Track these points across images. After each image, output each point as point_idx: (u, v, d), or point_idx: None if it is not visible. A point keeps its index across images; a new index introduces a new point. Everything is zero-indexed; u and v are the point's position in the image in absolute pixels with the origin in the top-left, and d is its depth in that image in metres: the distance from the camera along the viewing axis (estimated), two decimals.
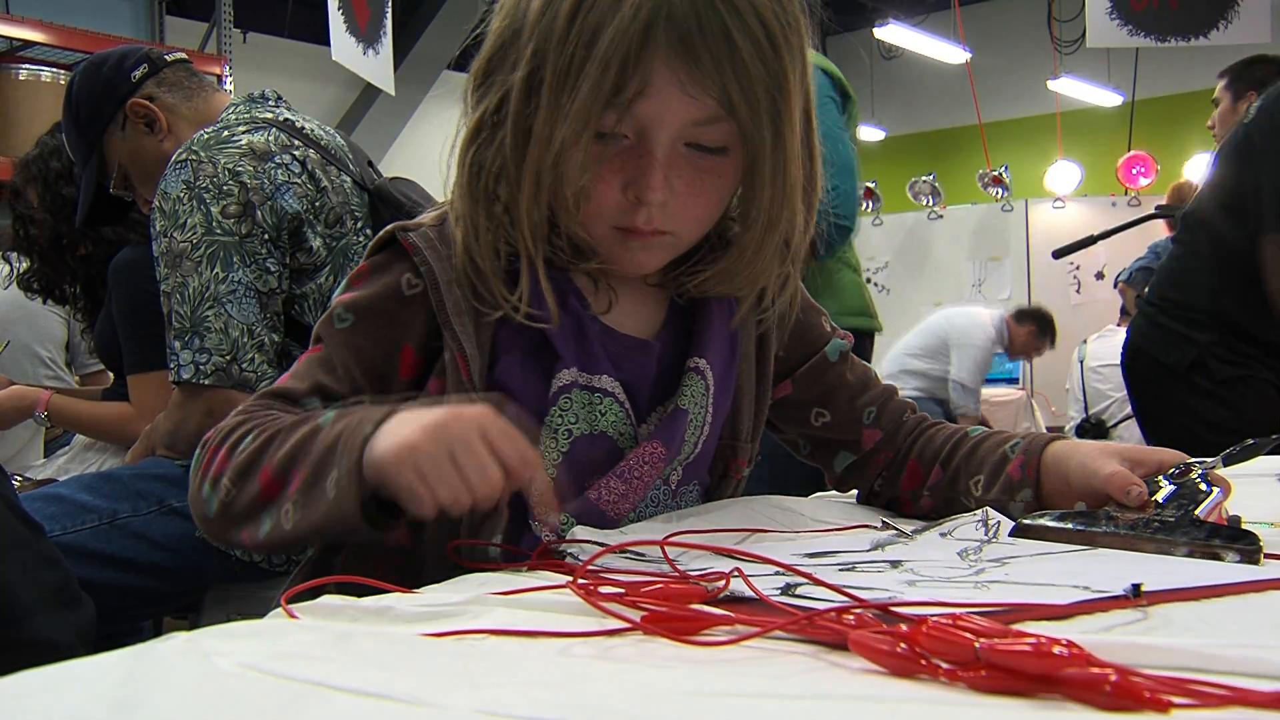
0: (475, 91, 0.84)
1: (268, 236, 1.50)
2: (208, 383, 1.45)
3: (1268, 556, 0.70)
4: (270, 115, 1.61)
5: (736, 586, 0.60)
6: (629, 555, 0.72)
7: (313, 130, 1.63)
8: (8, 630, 1.03)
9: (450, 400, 0.82)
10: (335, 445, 0.73)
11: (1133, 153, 6.65)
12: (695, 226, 0.85)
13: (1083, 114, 8.86)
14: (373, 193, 1.65)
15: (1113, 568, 0.69)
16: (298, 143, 1.58)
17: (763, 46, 0.76)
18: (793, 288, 0.94)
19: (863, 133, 9.72)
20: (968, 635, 0.45)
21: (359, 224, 1.61)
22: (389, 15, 4.10)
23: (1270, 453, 0.92)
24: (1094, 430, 4.51)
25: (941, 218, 7.01)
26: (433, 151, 0.85)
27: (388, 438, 0.70)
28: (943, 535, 0.84)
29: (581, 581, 0.60)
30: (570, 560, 0.73)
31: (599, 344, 0.87)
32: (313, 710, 0.41)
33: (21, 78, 3.44)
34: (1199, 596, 0.60)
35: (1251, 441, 0.89)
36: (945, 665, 0.45)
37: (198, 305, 1.45)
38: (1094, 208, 6.59)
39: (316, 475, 0.73)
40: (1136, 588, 0.57)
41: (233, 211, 1.47)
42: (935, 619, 0.46)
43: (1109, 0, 3.93)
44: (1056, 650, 0.42)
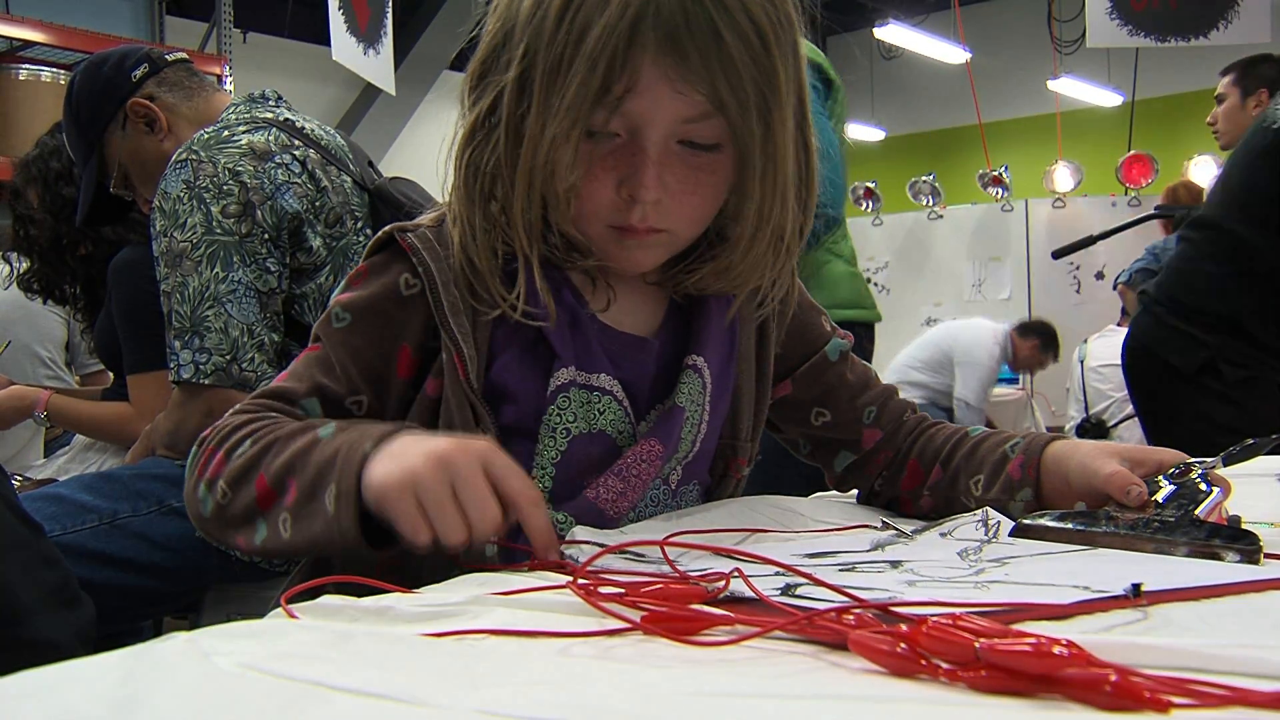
0: (471, 93, 0.84)
1: (268, 236, 1.50)
2: (208, 382, 1.45)
3: (1268, 556, 0.70)
4: (270, 115, 1.61)
5: (736, 587, 0.60)
6: (629, 555, 0.72)
7: (313, 130, 1.64)
8: (8, 630, 1.03)
9: (453, 425, 0.82)
10: (334, 460, 0.72)
11: (1133, 153, 6.65)
12: (690, 224, 0.85)
13: (1083, 114, 8.86)
14: (373, 193, 1.65)
15: (1113, 568, 0.69)
16: (298, 142, 1.58)
17: (752, 43, 0.76)
18: (789, 283, 0.94)
19: (863, 133, 9.73)
20: (968, 635, 0.45)
21: (359, 224, 1.61)
22: (389, 15, 4.11)
23: (1270, 453, 0.92)
24: (1094, 430, 4.51)
25: (941, 218, 7.00)
26: (432, 151, 0.86)
27: (388, 461, 0.69)
28: (943, 535, 0.84)
29: (581, 582, 0.60)
30: (570, 560, 0.73)
31: (597, 342, 0.87)
32: (313, 710, 0.40)
33: (21, 78, 3.44)
34: (1199, 596, 0.60)
35: (1251, 441, 0.89)
36: (945, 665, 0.45)
37: (198, 305, 1.45)
38: (1094, 208, 6.59)
39: (314, 488, 0.73)
40: (1136, 588, 0.57)
41: (233, 211, 1.47)
42: (935, 619, 0.46)
43: (1109, 0, 3.92)
44: (1056, 650, 0.42)
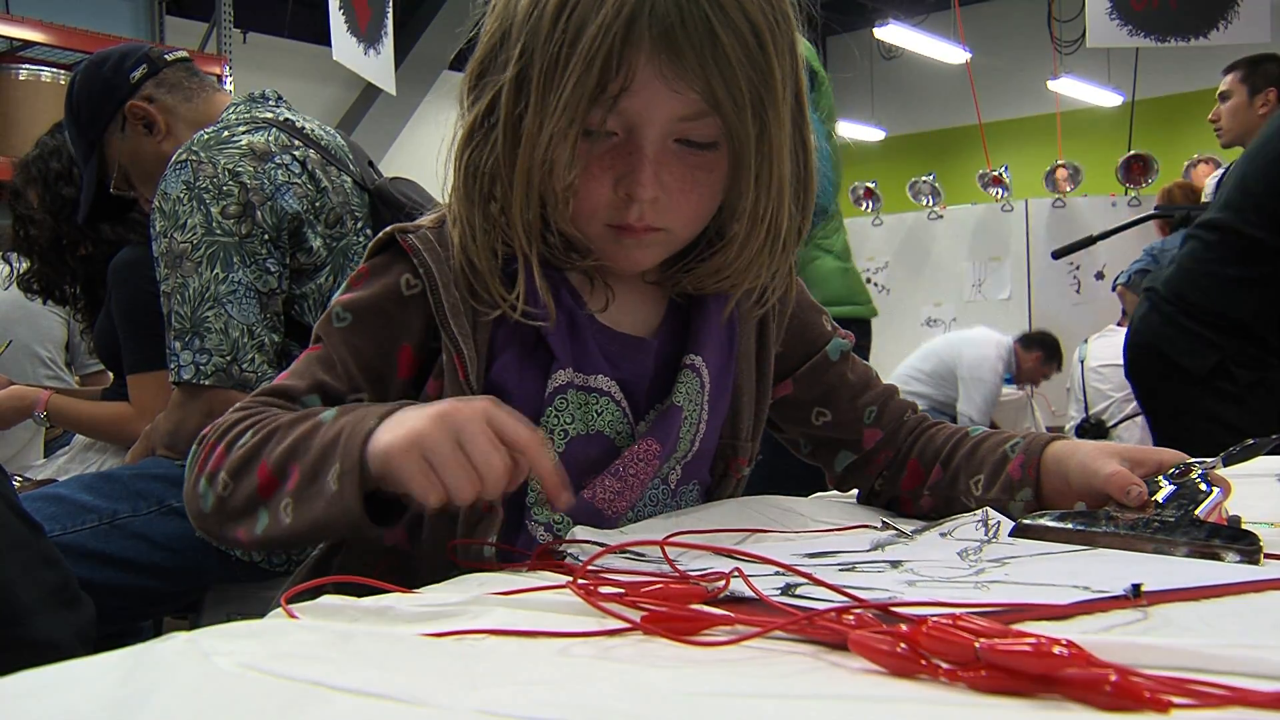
0: (469, 93, 0.84)
1: (268, 237, 1.49)
2: (208, 383, 1.45)
3: (1268, 556, 0.70)
4: (270, 115, 1.61)
5: (736, 586, 0.60)
6: (629, 555, 0.72)
7: (313, 130, 1.63)
8: (8, 630, 1.03)
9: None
10: (336, 440, 0.73)
11: (1132, 153, 6.64)
12: (688, 222, 0.85)
13: (1083, 114, 8.87)
14: (373, 193, 1.65)
15: (1113, 568, 0.69)
16: (298, 143, 1.58)
17: (747, 41, 0.76)
18: (788, 281, 0.94)
19: (863, 133, 9.73)
20: (968, 635, 0.45)
21: (359, 224, 1.61)
22: (389, 15, 4.11)
23: (1270, 453, 0.92)
24: (1094, 430, 4.51)
25: (941, 218, 7.00)
26: (432, 151, 0.86)
27: (392, 429, 0.70)
28: (943, 535, 0.84)
29: (581, 582, 0.60)
30: (570, 560, 0.73)
31: (594, 343, 0.87)
32: (313, 710, 0.40)
33: (21, 78, 3.44)
34: (1199, 596, 0.60)
35: (1251, 441, 0.89)
36: (945, 665, 0.45)
37: (198, 305, 1.45)
38: (1094, 208, 6.58)
39: (317, 470, 0.73)
40: (1136, 588, 0.57)
41: (233, 212, 1.47)
42: (935, 619, 0.46)
43: (1109, 0, 3.92)
44: (1056, 650, 0.42)
